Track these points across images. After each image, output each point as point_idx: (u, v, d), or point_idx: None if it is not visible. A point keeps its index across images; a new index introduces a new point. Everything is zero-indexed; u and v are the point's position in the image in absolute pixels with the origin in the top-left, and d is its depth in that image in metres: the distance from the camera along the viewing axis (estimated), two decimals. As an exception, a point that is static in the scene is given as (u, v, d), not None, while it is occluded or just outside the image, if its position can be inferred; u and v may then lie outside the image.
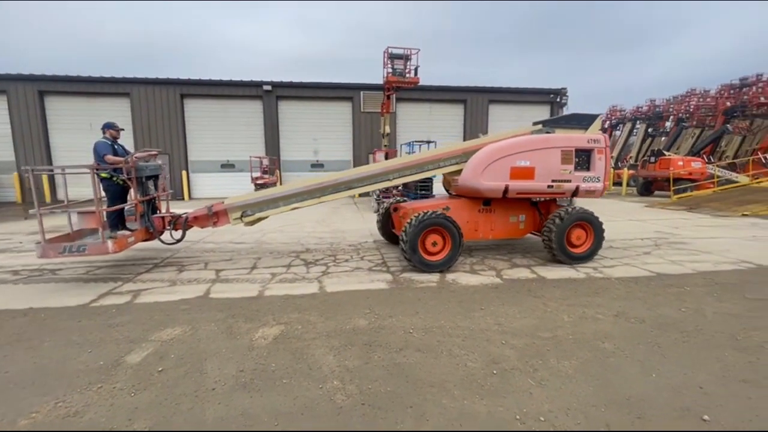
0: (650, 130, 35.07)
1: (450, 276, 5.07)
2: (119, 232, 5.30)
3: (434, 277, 5.04)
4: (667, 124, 34.64)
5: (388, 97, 14.42)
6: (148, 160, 5.61)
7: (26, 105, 15.98)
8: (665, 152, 18.90)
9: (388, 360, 2.91)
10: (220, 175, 17.77)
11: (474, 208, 5.95)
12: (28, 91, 15.93)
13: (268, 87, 17.15)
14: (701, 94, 32.28)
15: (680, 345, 3.14)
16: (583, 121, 6.28)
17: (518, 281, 4.87)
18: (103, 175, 5.21)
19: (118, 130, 5.56)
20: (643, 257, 6.01)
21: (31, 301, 4.21)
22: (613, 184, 19.09)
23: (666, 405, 2.36)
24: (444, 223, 5.24)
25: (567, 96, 19.12)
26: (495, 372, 2.74)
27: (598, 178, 5.68)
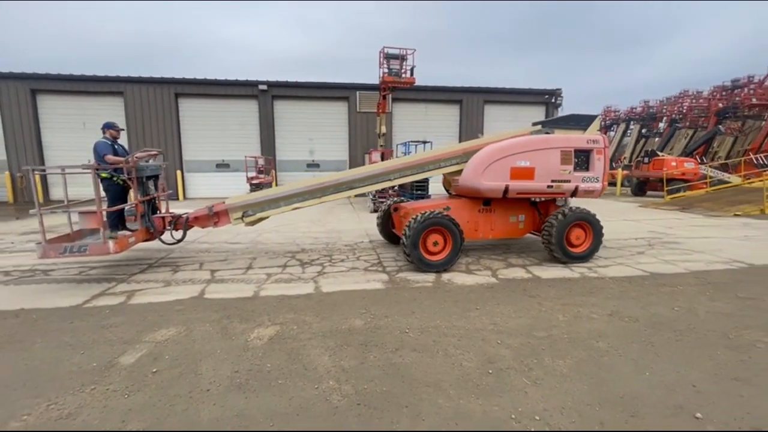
0: (644, 130, 35.36)
1: (446, 276, 5.08)
2: (119, 232, 5.28)
3: (430, 276, 5.05)
4: (661, 124, 34.94)
5: (384, 97, 14.42)
6: (148, 160, 5.62)
7: (18, 103, 15.79)
8: (659, 153, 19.04)
9: (383, 360, 2.91)
10: (215, 174, 17.68)
11: (474, 208, 5.97)
12: (20, 90, 15.74)
13: (263, 86, 17.08)
14: (694, 95, 32.62)
15: (673, 344, 3.17)
16: (581, 121, 6.32)
17: (513, 281, 4.89)
18: (104, 175, 5.20)
19: (119, 130, 5.59)
20: (637, 257, 6.06)
21: (23, 301, 4.17)
22: (607, 184, 19.17)
23: (659, 403, 2.38)
24: (446, 223, 5.26)
25: (562, 97, 19.24)
26: (490, 371, 2.75)
27: (597, 179, 5.73)
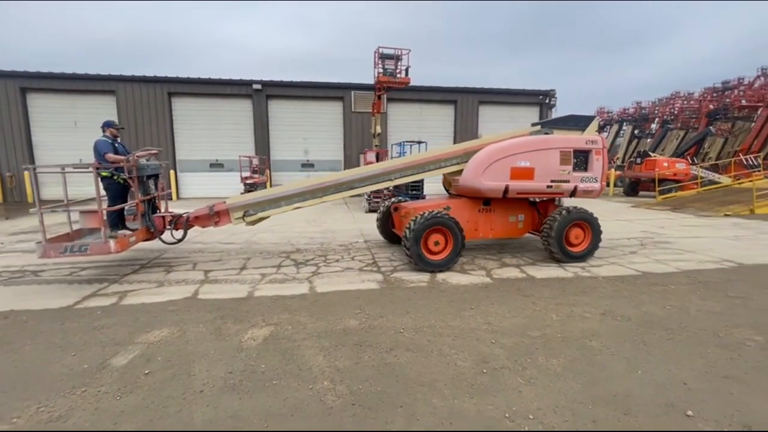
0: (636, 131, 35.72)
1: (440, 276, 5.09)
2: (120, 231, 5.25)
3: (425, 276, 5.06)
4: (653, 125, 35.31)
5: (379, 97, 14.41)
6: (148, 159, 5.59)
7: (7, 102, 15.54)
8: (651, 153, 19.24)
9: (378, 360, 2.90)
10: (209, 174, 17.54)
11: (474, 208, 6.00)
12: (10, 88, 15.50)
13: (258, 86, 16.99)
14: (685, 96, 33.03)
15: (665, 342, 3.21)
16: (580, 122, 6.36)
17: (508, 281, 4.91)
18: (104, 174, 5.17)
19: (118, 129, 5.58)
20: (630, 256, 6.11)
21: (12, 303, 4.10)
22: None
23: (651, 401, 2.41)
24: (447, 223, 5.28)
25: (556, 97, 19.37)
26: (485, 371, 2.76)
27: (595, 179, 5.78)
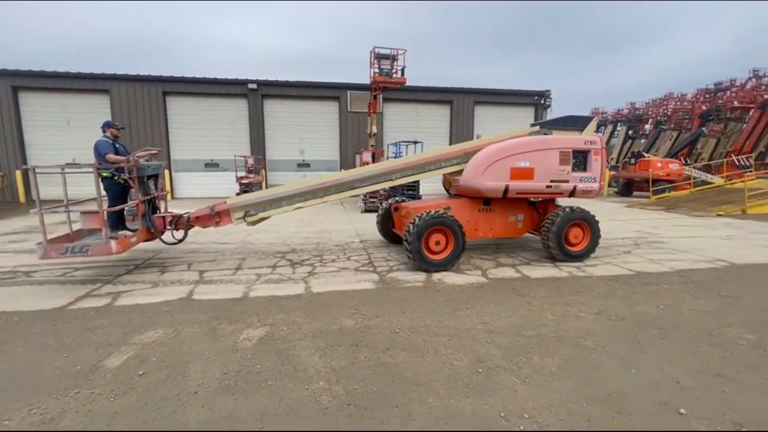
0: (630, 132, 36.05)
1: (436, 276, 5.10)
2: (120, 232, 5.23)
3: (421, 276, 5.06)
4: (647, 126, 35.65)
5: (375, 97, 14.42)
6: (149, 159, 5.57)
7: (-1, 101, 15.38)
8: (645, 154, 19.42)
9: (374, 360, 2.90)
10: (204, 174, 17.43)
11: (474, 208, 6.02)
12: (1, 87, 15.29)
13: (253, 85, 16.91)
14: (678, 97, 33.38)
15: (658, 341, 3.23)
16: (578, 122, 6.41)
17: (503, 280, 4.93)
18: (104, 174, 5.14)
19: (119, 129, 5.56)
20: (624, 256, 6.16)
21: (4, 304, 4.06)
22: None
23: (645, 400, 2.43)
24: (449, 223, 5.29)
25: (551, 98, 19.47)
26: (480, 370, 2.77)
27: (594, 179, 5.82)
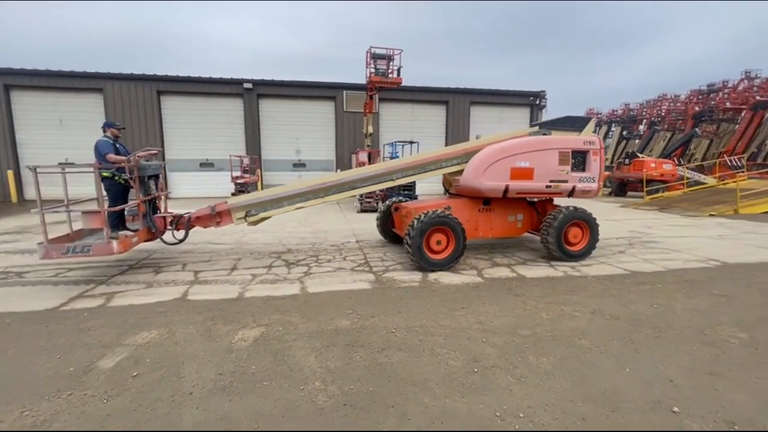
0: (625, 132, 36.33)
1: (432, 275, 5.10)
2: (120, 232, 5.20)
3: (417, 276, 5.07)
4: (641, 127, 35.95)
5: (371, 97, 14.41)
6: (149, 159, 5.54)
7: (-10, 100, 15.19)
8: (639, 154, 19.57)
9: (370, 360, 2.90)
10: (199, 174, 17.33)
11: (474, 208, 6.05)
12: (-7, 86, 15.15)
13: (248, 85, 16.84)
14: (672, 98, 33.68)
15: (652, 340, 3.26)
16: (576, 123, 6.46)
17: (499, 280, 4.95)
18: (105, 174, 5.11)
19: (119, 129, 5.54)
20: (618, 256, 6.20)
21: (-4, 305, 4.01)
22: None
23: (639, 398, 2.44)
24: (449, 223, 5.31)
25: (546, 99, 19.56)
26: (476, 370, 2.77)
27: (593, 179, 5.87)
